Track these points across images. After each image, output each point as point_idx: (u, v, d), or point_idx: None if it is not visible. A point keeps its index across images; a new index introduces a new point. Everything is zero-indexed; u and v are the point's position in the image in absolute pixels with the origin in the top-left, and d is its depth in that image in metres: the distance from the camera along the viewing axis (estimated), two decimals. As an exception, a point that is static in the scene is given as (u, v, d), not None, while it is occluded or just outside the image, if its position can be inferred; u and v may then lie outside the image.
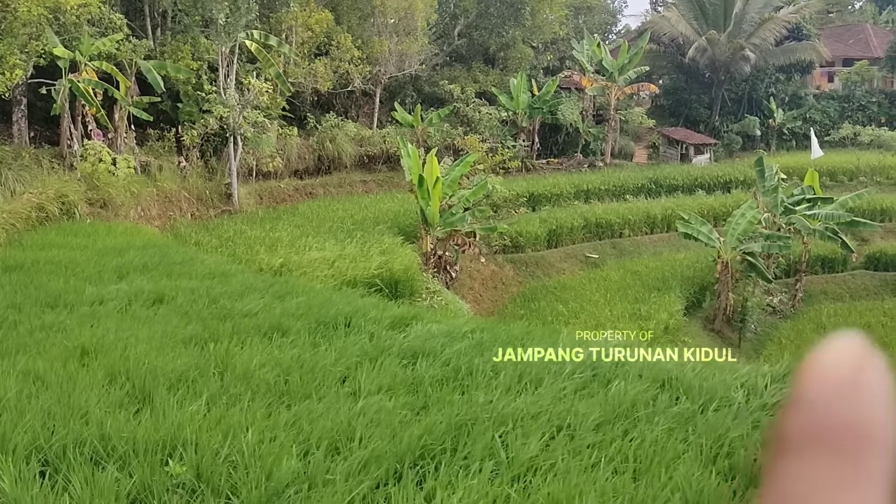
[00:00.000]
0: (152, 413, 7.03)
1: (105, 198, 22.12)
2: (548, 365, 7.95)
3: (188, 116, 27.63)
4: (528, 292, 27.17)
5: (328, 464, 5.79)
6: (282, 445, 6.06)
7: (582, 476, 5.27)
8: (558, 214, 32.05)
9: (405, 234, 23.33)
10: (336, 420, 6.69)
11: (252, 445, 6.08)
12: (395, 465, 5.75)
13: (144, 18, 28.30)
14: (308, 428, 6.50)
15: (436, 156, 22.23)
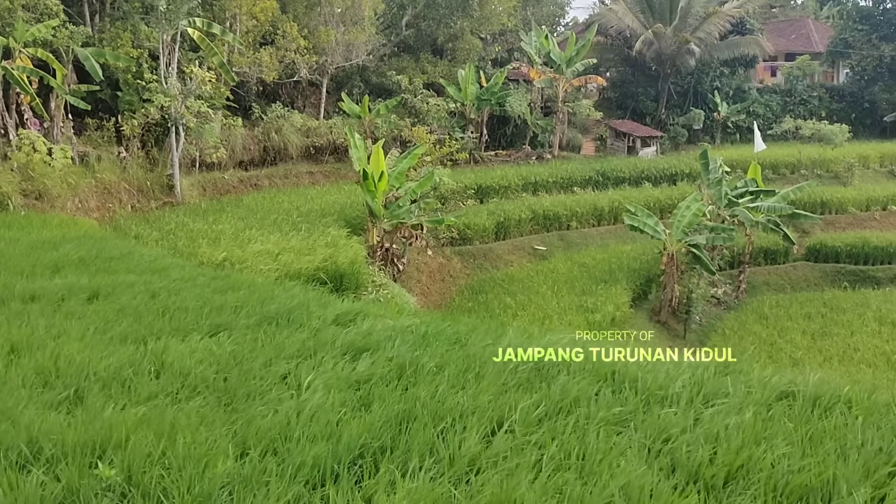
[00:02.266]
0: (84, 414, 6.78)
1: (40, 189, 21.47)
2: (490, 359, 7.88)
3: (128, 106, 26.97)
4: (475, 284, 27.17)
5: (264, 465, 5.63)
6: (217, 446, 5.87)
7: (525, 474, 5.20)
8: (506, 207, 32.12)
9: (352, 226, 23.10)
10: (275, 420, 6.51)
11: (187, 446, 5.89)
12: (332, 466, 5.62)
13: (82, 4, 27.53)
14: (246, 428, 6.31)
15: (383, 147, 22.01)
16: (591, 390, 6.97)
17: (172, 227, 20.81)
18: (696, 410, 6.48)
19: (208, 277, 12.87)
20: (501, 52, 46.59)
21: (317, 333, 9.39)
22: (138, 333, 9.26)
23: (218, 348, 8.67)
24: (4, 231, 16.74)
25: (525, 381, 7.25)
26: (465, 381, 7.41)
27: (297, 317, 10.07)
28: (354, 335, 9.18)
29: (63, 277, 12.42)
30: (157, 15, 25.60)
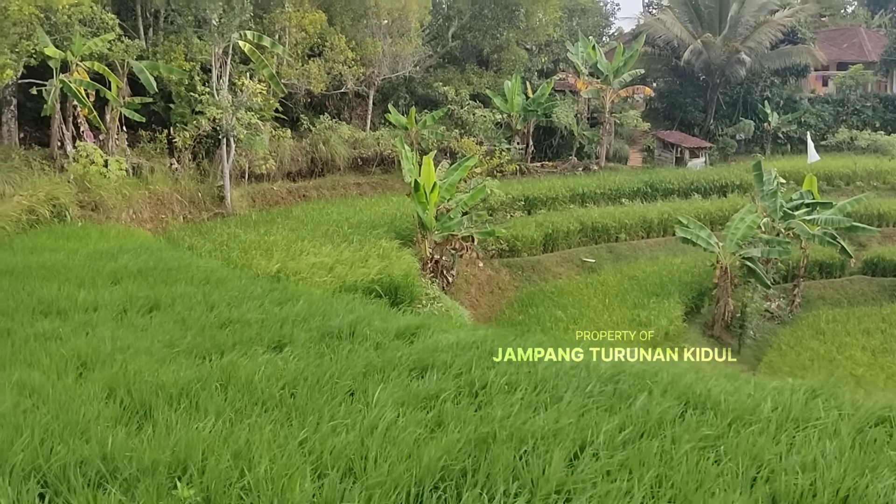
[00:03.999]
0: (155, 430, 6.70)
1: (97, 200, 21.73)
2: (568, 379, 7.66)
3: (180, 118, 27.25)
4: (525, 297, 26.90)
5: (343, 487, 5.49)
6: (295, 467, 5.75)
7: (618, 503, 4.98)
8: (554, 218, 31.81)
9: (402, 238, 23.01)
10: (348, 438, 6.38)
11: (264, 467, 5.77)
12: (414, 489, 5.45)
13: (136, 18, 27.92)
14: (320, 447, 6.18)
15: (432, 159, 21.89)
16: (673, 412, 6.72)
17: (225, 238, 20.89)
18: (788, 435, 6.20)
19: (266, 289, 12.82)
20: (547, 63, 46.33)
21: (381, 348, 9.27)
22: (202, 347, 9.21)
23: (283, 363, 8.57)
24: (63, 242, 16.92)
25: (605, 402, 7.01)
26: (541, 400, 7.21)
27: (360, 331, 9.95)
28: (419, 351, 9.03)
29: (123, 288, 12.46)
30: (209, 28, 25.85)
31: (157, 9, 28.33)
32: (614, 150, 43.30)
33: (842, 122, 47.34)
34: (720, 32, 43.50)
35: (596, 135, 41.81)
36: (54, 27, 22.61)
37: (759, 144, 46.42)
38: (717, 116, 46.62)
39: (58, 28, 22.71)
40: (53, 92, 22.33)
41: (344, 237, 21.10)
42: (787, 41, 45.91)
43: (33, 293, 11.77)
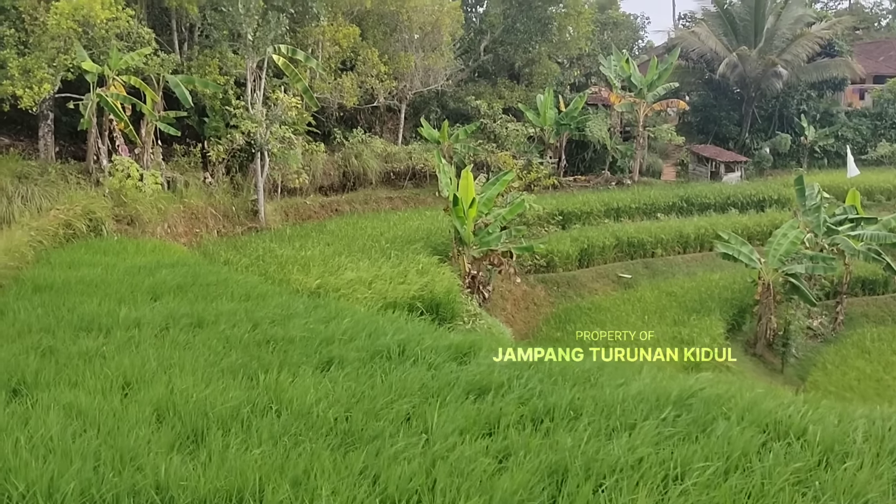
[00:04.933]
0: (209, 457, 6.39)
1: (132, 214, 21.63)
2: (636, 403, 7.25)
3: (214, 132, 27.19)
4: (561, 313, 26.45)
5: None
6: (360, 500, 5.41)
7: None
8: (589, 233, 31.36)
9: (437, 252, 22.66)
10: (412, 468, 6.04)
11: (325, 498, 5.44)
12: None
13: (172, 33, 27.93)
14: (384, 477, 5.84)
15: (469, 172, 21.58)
16: (755, 441, 6.30)
17: (260, 252, 20.69)
18: (886, 469, 5.76)
19: (309, 306, 12.54)
20: (579, 77, 45.97)
21: (434, 369, 8.92)
22: (249, 366, 8.92)
23: (334, 385, 8.26)
24: (101, 256, 16.76)
25: (682, 430, 6.60)
26: (610, 426, 6.82)
27: (410, 350, 9.62)
28: (474, 372, 8.68)
29: (164, 304, 12.24)
30: (244, 42, 25.78)
31: (192, 23, 28.33)
32: (647, 164, 42.76)
33: (880, 135, 46.46)
34: (756, 45, 42.94)
35: (629, 149, 41.34)
36: (91, 41, 22.60)
37: (796, 159, 45.68)
38: (752, 130, 45.96)
39: (95, 42, 22.69)
40: (90, 106, 22.30)
41: (381, 252, 20.80)
42: (824, 54, 45.21)
43: (74, 309, 11.57)
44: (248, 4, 24.94)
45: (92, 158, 23.42)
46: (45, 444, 6.36)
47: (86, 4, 21.42)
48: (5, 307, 11.56)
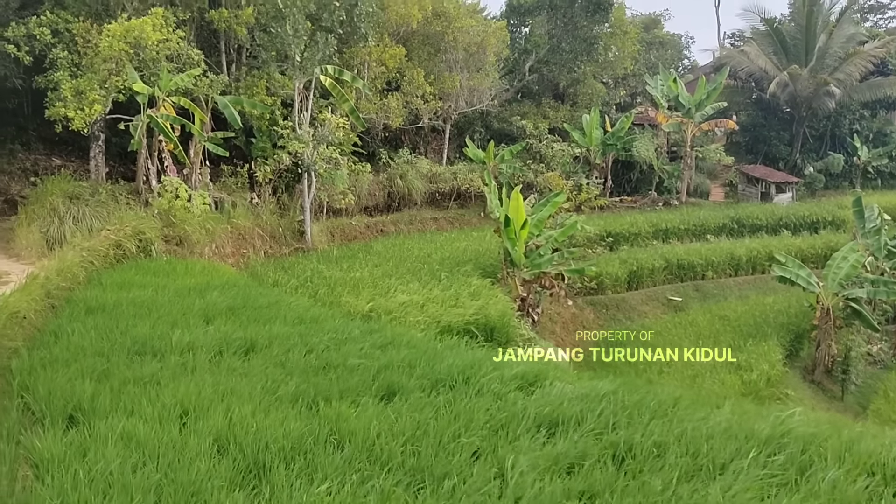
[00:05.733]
0: (272, 494, 6.07)
1: (181, 235, 21.55)
2: (723, 442, 6.77)
3: (261, 152, 27.17)
4: (610, 337, 25.80)
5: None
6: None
7: None
8: (638, 255, 30.74)
9: (486, 274, 22.26)
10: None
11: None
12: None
13: (220, 54, 28.05)
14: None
15: (519, 193, 21.17)
16: (863, 488, 5.80)
17: (308, 274, 20.48)
18: None
19: (363, 331, 12.22)
20: (625, 97, 45.46)
21: (500, 400, 8.53)
22: (307, 394, 8.61)
23: (397, 416, 7.90)
24: (151, 277, 16.64)
25: (780, 474, 6.11)
26: (700, 467, 6.36)
27: (474, 379, 9.23)
28: (544, 404, 8.27)
29: (216, 327, 12.01)
30: (292, 63, 25.76)
31: (240, 45, 28.44)
32: (695, 184, 42.05)
33: (936, 156, 45.29)
34: (807, 64, 42.10)
35: (677, 169, 40.68)
36: (142, 63, 22.70)
37: (848, 179, 44.63)
38: (802, 150, 45.02)
39: (146, 64, 22.80)
40: (141, 127, 22.36)
41: (431, 274, 20.47)
42: (878, 72, 44.23)
43: (127, 332, 11.38)
44: (297, 26, 24.92)
45: (141, 179, 23.45)
46: (104, 479, 6.10)
47: (137, 27, 21.52)
48: (59, 329, 11.41)
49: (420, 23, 33.20)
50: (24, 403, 8.39)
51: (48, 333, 11.39)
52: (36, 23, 21.82)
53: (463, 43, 35.77)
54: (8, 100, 26.02)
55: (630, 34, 42.79)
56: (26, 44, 21.78)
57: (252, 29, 26.78)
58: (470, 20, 35.59)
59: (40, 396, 8.29)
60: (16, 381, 8.81)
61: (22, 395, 8.56)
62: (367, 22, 27.24)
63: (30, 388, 8.62)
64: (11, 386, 8.79)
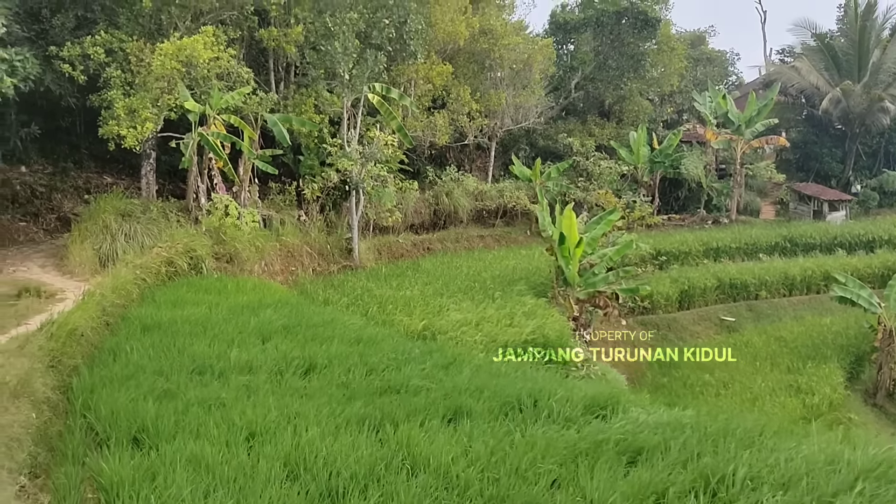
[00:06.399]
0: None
1: (231, 252, 21.53)
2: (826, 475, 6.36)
3: (309, 170, 27.16)
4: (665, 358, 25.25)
5: None
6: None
7: None
8: (689, 274, 30.12)
9: (537, 293, 21.90)
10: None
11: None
12: None
13: (269, 73, 28.17)
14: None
15: (573, 211, 20.83)
16: None
17: (359, 292, 20.29)
18: None
19: (422, 350, 11.96)
20: (672, 114, 44.90)
21: (573, 425, 8.18)
22: (373, 417, 8.35)
23: (470, 441, 7.59)
24: (203, 295, 16.56)
25: None
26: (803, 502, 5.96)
27: (543, 403, 8.89)
28: (622, 431, 7.90)
29: (274, 346, 11.84)
30: (341, 81, 25.74)
31: (289, 63, 28.55)
32: (745, 202, 41.28)
33: None
34: (860, 80, 41.24)
35: (726, 186, 39.99)
36: (193, 81, 22.81)
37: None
38: (855, 167, 44.02)
39: (196, 82, 22.90)
40: (192, 145, 22.43)
41: (484, 293, 20.18)
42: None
43: (184, 351, 11.26)
44: (346, 44, 24.92)
45: (191, 196, 23.54)
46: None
47: (189, 45, 21.62)
48: (118, 348, 11.31)
49: (467, 40, 33.09)
50: (87, 423, 8.25)
51: (106, 351, 11.31)
52: (91, 42, 22.04)
53: (509, 60, 35.59)
54: (62, 118, 26.33)
55: (677, 50, 42.33)
56: (81, 63, 22.00)
57: (301, 47, 26.86)
58: (516, 37, 35.41)
59: (103, 416, 8.15)
60: (78, 401, 8.67)
61: (84, 415, 8.42)
62: (416, 39, 27.18)
63: (92, 407, 8.49)
64: (74, 405, 8.67)
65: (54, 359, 9.86)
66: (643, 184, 37.73)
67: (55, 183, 26.20)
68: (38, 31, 23.22)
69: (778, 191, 43.98)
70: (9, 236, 23.12)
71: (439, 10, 31.06)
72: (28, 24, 22.81)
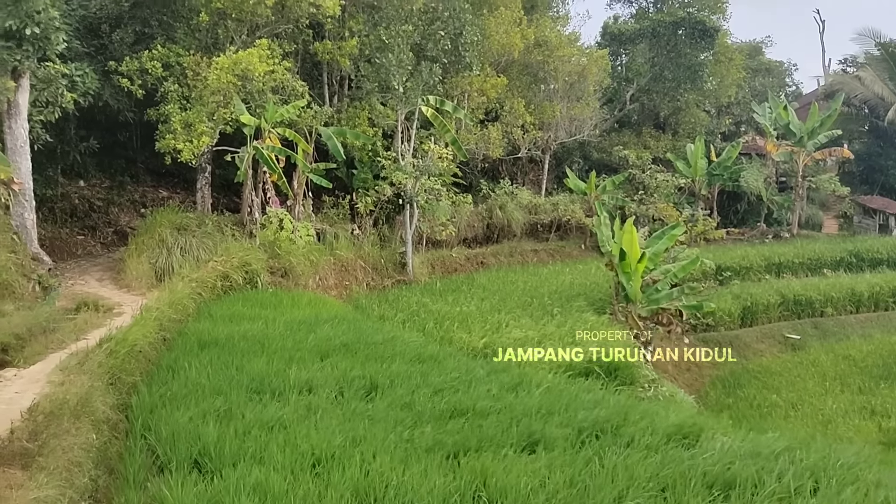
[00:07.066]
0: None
1: (286, 266, 21.37)
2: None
3: (362, 183, 26.93)
4: (727, 376, 24.41)
5: None
6: None
7: None
8: (751, 290, 29.16)
9: (596, 310, 21.30)
10: None
11: None
12: None
13: (322, 86, 28.10)
14: None
15: (633, 226, 20.20)
16: None
17: (414, 307, 19.92)
18: None
19: (486, 370, 11.54)
20: (730, 125, 43.90)
21: (657, 454, 7.65)
22: (444, 443, 7.93)
23: (549, 471, 7.12)
24: (259, 310, 16.36)
25: None
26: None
27: (622, 429, 8.38)
28: (711, 462, 7.35)
29: (333, 365, 11.51)
30: (395, 94, 25.51)
31: (342, 76, 28.45)
32: (807, 216, 40.07)
33: None
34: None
35: (787, 200, 38.87)
36: (249, 95, 22.76)
37: (974, 212, 41.80)
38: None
39: (252, 96, 22.85)
40: (247, 158, 22.35)
41: (543, 309, 19.66)
42: None
43: (242, 368, 10.99)
44: (401, 56, 24.70)
45: (246, 210, 23.47)
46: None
47: (245, 58, 21.58)
48: (175, 365, 11.09)
49: (521, 52, 32.67)
50: (147, 444, 7.97)
51: (164, 368, 11.10)
52: (148, 57, 22.14)
53: (563, 72, 35.09)
54: (119, 133, 26.58)
55: (735, 61, 41.41)
56: (139, 77, 22.09)
57: (355, 60, 26.73)
58: (571, 49, 34.90)
59: (163, 438, 7.87)
60: (138, 421, 8.41)
61: (144, 436, 8.15)
62: (471, 51, 26.84)
63: (152, 428, 8.23)
64: (134, 425, 8.41)
65: (113, 376, 9.66)
66: (701, 197, 36.83)
67: (112, 197, 26.43)
68: (97, 47, 23.44)
69: (841, 204, 42.62)
70: (67, 250, 23.33)
71: (493, 22, 30.71)
72: (88, 39, 23.05)
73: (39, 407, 7.38)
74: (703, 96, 41.20)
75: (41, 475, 5.89)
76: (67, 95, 19.44)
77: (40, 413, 7.20)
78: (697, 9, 39.63)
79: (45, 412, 7.22)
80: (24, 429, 6.90)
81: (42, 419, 7.05)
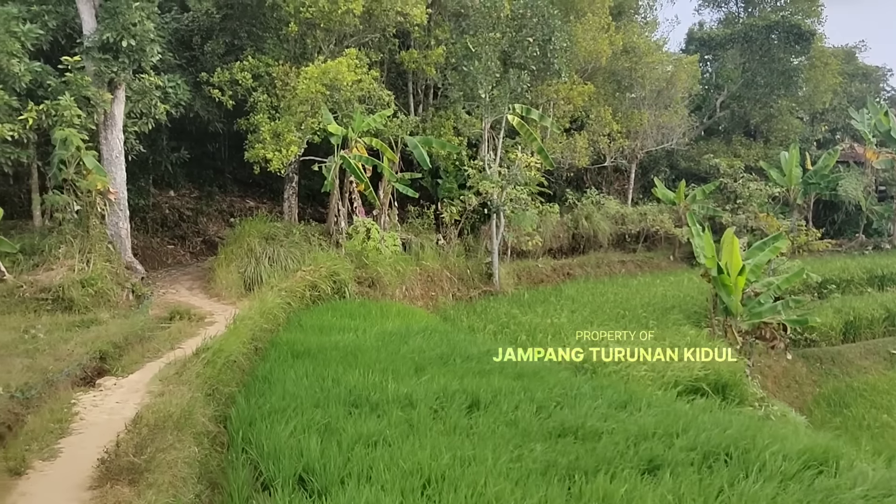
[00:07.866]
0: None
1: (373, 276, 21.13)
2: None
3: (448, 193, 26.63)
4: (830, 394, 23.20)
5: None
6: None
7: None
8: (853, 303, 27.76)
9: (694, 323, 20.44)
10: None
11: None
12: None
13: (408, 95, 27.96)
14: None
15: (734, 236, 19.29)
16: None
17: (503, 319, 19.47)
18: None
19: (590, 386, 10.95)
20: (825, 133, 42.15)
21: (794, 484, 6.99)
22: (558, 464, 7.43)
23: (676, 499, 6.55)
24: (348, 320, 16.12)
25: None
26: None
27: (750, 454, 7.73)
28: (855, 495, 6.65)
29: (430, 378, 11.10)
30: (481, 102, 25.13)
31: (427, 84, 28.26)
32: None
33: None
34: None
35: (888, 209, 37.07)
36: (336, 105, 22.71)
37: None
38: None
39: (339, 105, 22.80)
40: (334, 168, 22.28)
41: (637, 322, 18.95)
42: None
43: (338, 381, 10.69)
44: (488, 63, 24.32)
45: (332, 220, 23.40)
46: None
47: (334, 68, 21.52)
48: (270, 375, 10.87)
49: (608, 59, 31.94)
50: (248, 458, 7.69)
51: (260, 379, 10.87)
52: (238, 68, 22.30)
53: (651, 79, 34.23)
54: (209, 143, 26.93)
55: (831, 66, 39.75)
56: (229, 88, 22.28)
57: (441, 68, 26.49)
58: (660, 55, 34.01)
59: (266, 453, 7.58)
60: (238, 435, 8.15)
61: (245, 450, 7.88)
62: (560, 57, 26.26)
63: (253, 442, 7.96)
64: (234, 439, 8.15)
65: (211, 387, 9.47)
66: (796, 206, 35.37)
67: (201, 206, 26.78)
68: (189, 58, 23.78)
69: (947, 214, 40.36)
70: (158, 259, 23.64)
71: (581, 29, 30.09)
72: (180, 51, 23.38)
73: (143, 419, 7.17)
74: (796, 103, 39.72)
75: (149, 492, 5.63)
76: (161, 106, 19.69)
77: (144, 425, 6.99)
78: (791, 12, 38.20)
79: (148, 424, 7.00)
80: (128, 441, 6.69)
81: (146, 432, 6.83)
